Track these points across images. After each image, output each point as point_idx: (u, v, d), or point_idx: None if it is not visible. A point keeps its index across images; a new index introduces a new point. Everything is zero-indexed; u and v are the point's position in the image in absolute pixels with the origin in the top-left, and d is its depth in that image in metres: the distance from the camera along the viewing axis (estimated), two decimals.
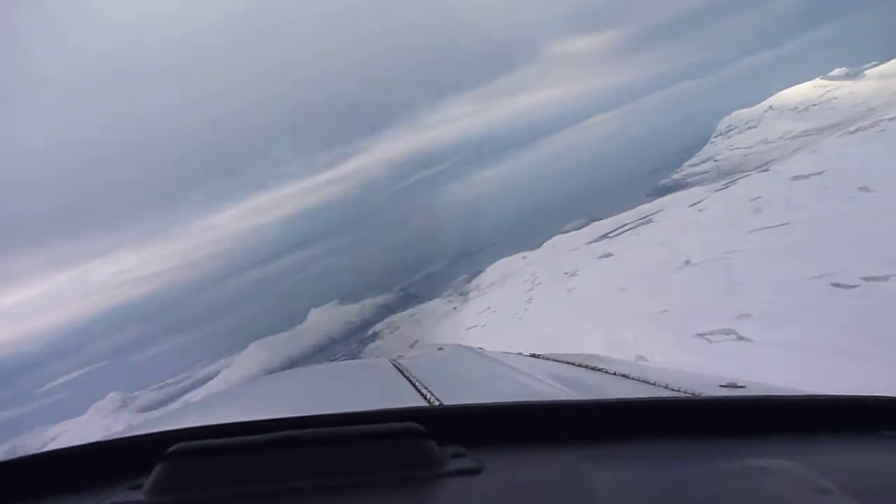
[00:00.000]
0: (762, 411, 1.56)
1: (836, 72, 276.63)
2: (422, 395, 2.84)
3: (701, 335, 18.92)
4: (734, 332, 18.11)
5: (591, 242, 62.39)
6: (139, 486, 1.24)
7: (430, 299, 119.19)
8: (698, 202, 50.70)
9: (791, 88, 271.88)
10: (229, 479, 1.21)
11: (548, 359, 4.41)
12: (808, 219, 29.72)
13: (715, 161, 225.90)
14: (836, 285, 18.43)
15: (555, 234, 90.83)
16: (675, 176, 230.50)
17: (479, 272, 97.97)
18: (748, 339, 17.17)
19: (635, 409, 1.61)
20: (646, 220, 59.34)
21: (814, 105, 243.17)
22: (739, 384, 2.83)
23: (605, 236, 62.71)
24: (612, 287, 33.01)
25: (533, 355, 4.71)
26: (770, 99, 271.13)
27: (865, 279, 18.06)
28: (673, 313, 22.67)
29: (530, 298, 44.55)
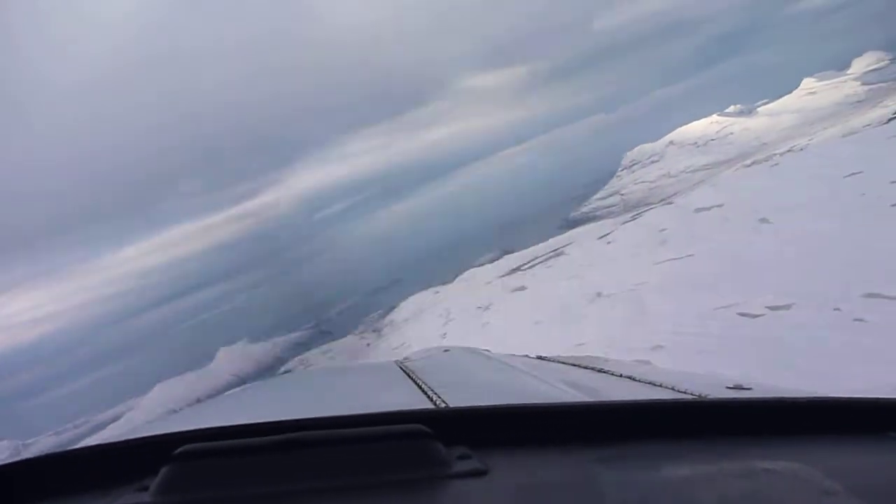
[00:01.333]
0: (769, 413, 1.55)
1: (732, 109, 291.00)
2: (428, 396, 2.82)
3: None
4: (649, 363, 18.34)
5: (503, 276, 62.87)
6: (146, 488, 1.25)
7: (344, 336, 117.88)
8: (607, 234, 51.87)
9: (690, 124, 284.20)
10: (236, 481, 1.21)
11: (553, 361, 4.43)
12: (711, 250, 30.68)
13: (621, 194, 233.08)
14: (743, 315, 18.95)
15: (468, 268, 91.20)
16: (584, 209, 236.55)
17: (393, 307, 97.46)
18: None
19: (642, 410, 1.59)
20: (557, 253, 60.29)
21: (712, 140, 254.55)
22: (746, 386, 2.83)
23: (517, 269, 63.32)
24: (526, 321, 33.17)
25: (539, 357, 4.74)
26: (671, 134, 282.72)
27: (770, 308, 18.62)
28: (588, 346, 22.81)
29: (444, 334, 44.34)
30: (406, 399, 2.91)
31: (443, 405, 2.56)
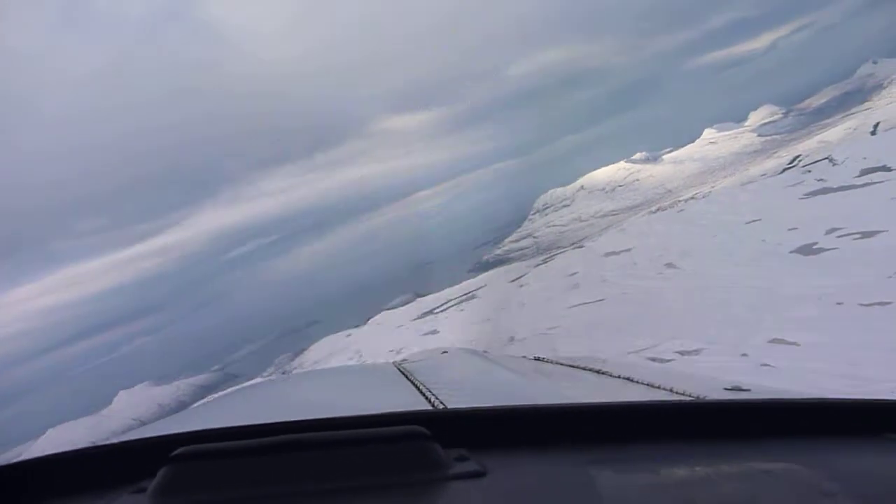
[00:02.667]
0: (767, 414, 1.56)
1: (638, 156, 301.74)
2: (426, 398, 2.83)
3: None
4: None
5: (416, 319, 62.66)
6: (143, 490, 1.25)
7: (251, 379, 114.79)
8: (520, 277, 52.26)
9: (599, 170, 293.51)
10: (233, 483, 1.22)
11: (551, 362, 4.45)
12: (621, 294, 31.21)
13: (534, 237, 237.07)
14: (653, 360, 19.12)
15: (380, 311, 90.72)
16: (498, 251, 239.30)
17: (304, 350, 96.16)
18: None
19: (640, 412, 1.60)
20: (470, 296, 60.53)
21: (620, 186, 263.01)
22: (744, 387, 2.83)
23: (430, 312, 63.20)
24: None
25: (537, 358, 4.76)
26: (581, 179, 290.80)
27: (680, 353, 18.88)
28: None
29: None
30: (404, 400, 2.95)
31: (441, 407, 2.59)
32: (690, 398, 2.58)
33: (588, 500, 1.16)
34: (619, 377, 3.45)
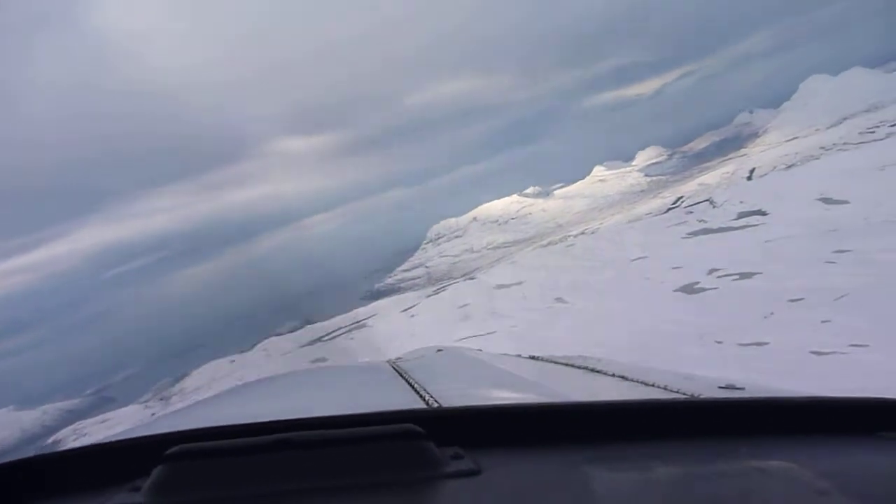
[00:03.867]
0: (761, 412, 1.57)
1: (531, 190, 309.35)
2: (420, 396, 2.82)
3: None
4: None
5: (304, 346, 61.55)
6: (138, 488, 1.25)
7: (127, 404, 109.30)
8: (411, 307, 51.97)
9: (493, 202, 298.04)
10: (228, 481, 1.22)
11: (546, 360, 4.45)
12: (511, 328, 31.27)
13: (426, 267, 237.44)
14: None
15: (268, 337, 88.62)
16: (389, 280, 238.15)
17: (185, 375, 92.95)
18: None
19: (634, 410, 1.60)
20: (360, 325, 59.82)
21: (512, 219, 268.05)
22: (738, 385, 2.81)
23: (319, 340, 62.21)
24: None
25: (531, 357, 4.78)
26: (474, 210, 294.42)
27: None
28: None
29: None
30: (399, 399, 2.94)
31: (435, 405, 2.58)
32: (685, 396, 2.56)
33: (583, 498, 1.17)
34: (613, 375, 3.46)
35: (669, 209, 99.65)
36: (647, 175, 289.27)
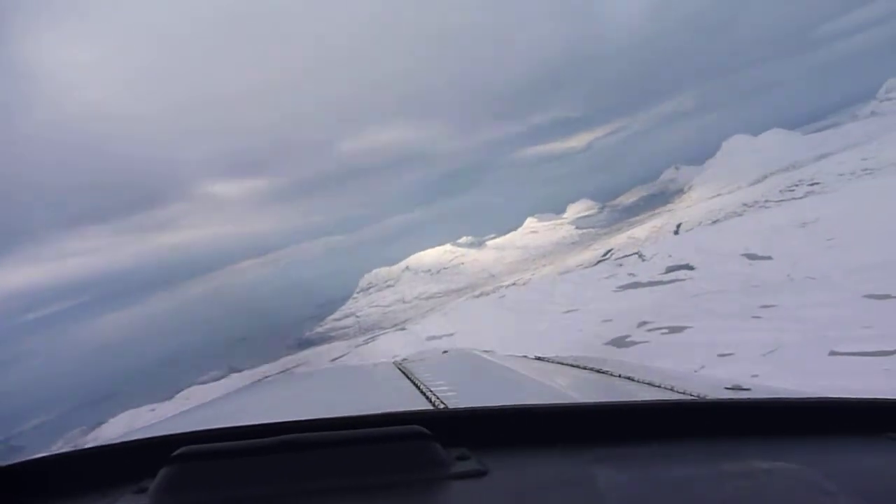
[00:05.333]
0: (768, 413, 1.58)
1: (464, 240, 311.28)
2: (427, 397, 2.80)
3: None
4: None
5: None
6: (144, 490, 1.25)
7: (35, 454, 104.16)
8: (340, 357, 50.77)
9: (426, 251, 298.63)
10: (234, 483, 1.22)
11: (552, 361, 4.37)
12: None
13: (357, 316, 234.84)
14: None
15: (191, 385, 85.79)
16: (320, 329, 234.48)
17: (101, 424, 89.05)
18: None
19: (641, 411, 1.62)
20: (287, 374, 58.18)
21: (445, 269, 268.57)
22: (745, 386, 2.77)
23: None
24: None
25: (537, 358, 4.69)
26: (407, 260, 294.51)
27: None
28: None
29: None
30: (405, 400, 2.90)
31: (442, 406, 2.55)
32: (691, 397, 2.47)
33: (590, 498, 1.17)
34: (619, 376, 3.36)
35: (600, 261, 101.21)
36: (578, 227, 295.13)
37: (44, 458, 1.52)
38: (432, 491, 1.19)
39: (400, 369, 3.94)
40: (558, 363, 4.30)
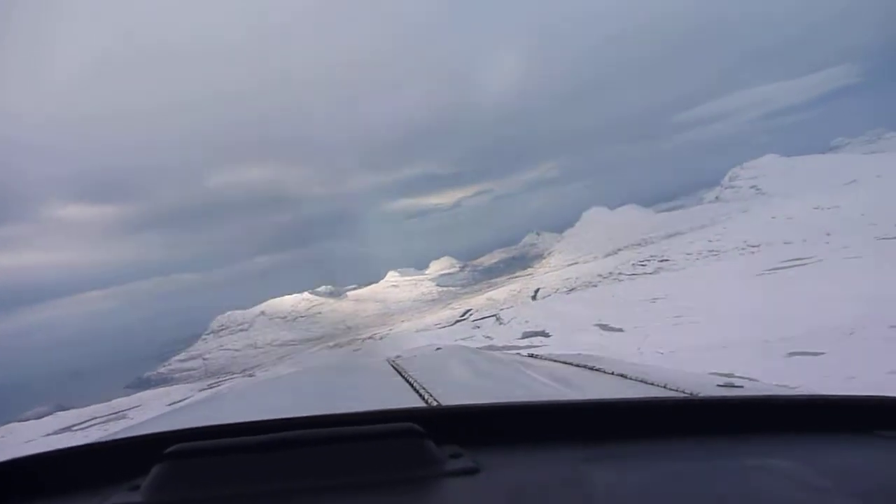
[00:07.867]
0: (760, 411, 1.59)
1: (323, 288, 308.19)
2: (420, 395, 2.81)
3: None
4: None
5: (50, 434, 55.08)
6: (137, 487, 1.25)
7: None
8: (181, 401, 47.75)
9: (283, 297, 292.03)
10: (227, 480, 1.22)
11: (545, 359, 4.36)
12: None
13: (204, 359, 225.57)
14: None
15: (10, 422, 78.53)
16: (162, 369, 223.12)
17: None
18: None
19: (633, 408, 1.62)
20: (119, 416, 55.06)
21: (301, 316, 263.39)
22: (737, 384, 2.77)
23: (69, 429, 56.41)
24: None
25: (530, 355, 4.68)
26: (263, 304, 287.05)
27: None
28: None
29: None
30: (398, 397, 2.89)
31: (434, 404, 2.55)
32: (684, 395, 2.47)
33: (582, 496, 1.16)
34: (613, 374, 3.31)
35: (458, 321, 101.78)
36: (438, 285, 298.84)
37: (35, 455, 1.46)
38: (425, 488, 1.18)
39: (393, 366, 3.92)
40: (551, 360, 4.23)
